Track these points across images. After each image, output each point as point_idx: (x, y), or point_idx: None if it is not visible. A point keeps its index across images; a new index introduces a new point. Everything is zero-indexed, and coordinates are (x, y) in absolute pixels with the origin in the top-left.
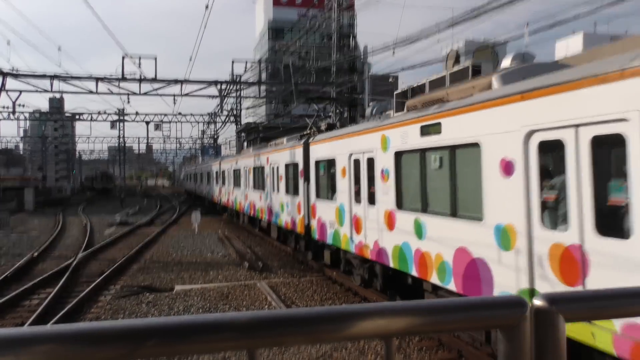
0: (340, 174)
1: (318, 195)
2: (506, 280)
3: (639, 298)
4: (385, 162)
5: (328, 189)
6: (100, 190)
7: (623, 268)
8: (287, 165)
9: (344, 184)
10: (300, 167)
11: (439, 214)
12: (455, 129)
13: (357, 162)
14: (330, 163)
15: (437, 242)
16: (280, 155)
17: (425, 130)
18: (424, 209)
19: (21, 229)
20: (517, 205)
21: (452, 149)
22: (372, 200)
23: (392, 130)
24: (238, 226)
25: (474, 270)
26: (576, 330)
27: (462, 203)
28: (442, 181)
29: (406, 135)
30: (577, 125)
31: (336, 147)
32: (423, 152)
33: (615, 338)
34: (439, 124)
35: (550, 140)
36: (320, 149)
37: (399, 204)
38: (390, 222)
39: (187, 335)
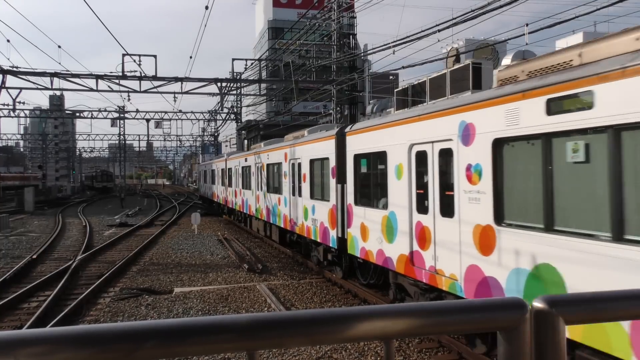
0: (393, 172)
1: (358, 201)
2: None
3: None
4: (473, 154)
5: (373, 192)
6: (101, 189)
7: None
8: (312, 162)
9: (399, 186)
10: (332, 164)
11: (579, 234)
12: (623, 101)
13: (421, 156)
14: (378, 158)
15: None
16: (303, 149)
17: (558, 105)
18: (549, 225)
19: (21, 230)
20: None
21: (616, 130)
22: (447, 209)
23: (486, 109)
24: (240, 228)
25: None
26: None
27: (632, 217)
28: (588, 182)
29: (516, 113)
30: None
31: (387, 137)
32: (550, 137)
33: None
34: (591, 92)
35: None
36: (362, 140)
37: (499, 217)
38: (485, 244)
39: (187, 337)
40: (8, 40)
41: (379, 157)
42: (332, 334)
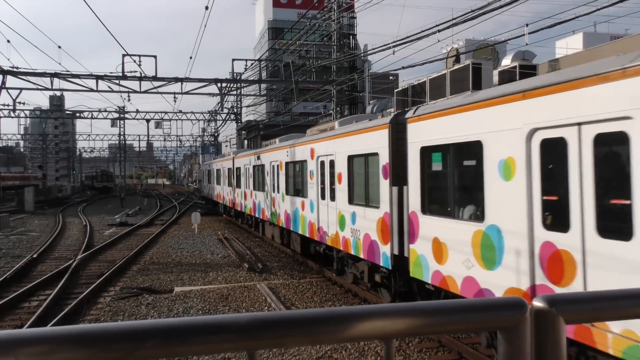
0: (495, 170)
1: (427, 208)
2: None
3: (639, 299)
4: None
5: (456, 198)
6: (101, 189)
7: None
8: (351, 159)
9: (506, 190)
10: (384, 160)
11: None
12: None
13: (553, 146)
14: (464, 151)
15: None
16: (339, 143)
17: None
18: None
19: (21, 230)
20: None
21: None
22: (614, 226)
23: None
24: (240, 227)
25: None
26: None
27: None
28: None
29: None
30: None
31: (484, 120)
32: None
33: None
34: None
35: None
36: (435, 128)
37: None
38: None
39: (187, 337)
40: (8, 41)
41: (467, 150)
42: (332, 333)
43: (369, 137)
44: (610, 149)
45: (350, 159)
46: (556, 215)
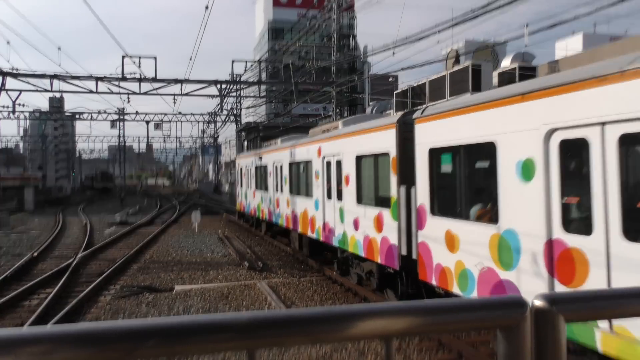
0: (513, 171)
1: (437, 210)
2: None
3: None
4: None
5: (468, 199)
6: (101, 189)
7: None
8: (360, 160)
9: (524, 193)
10: (393, 161)
11: None
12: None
13: (572, 147)
14: (476, 152)
15: None
16: (345, 143)
17: None
18: None
19: (21, 229)
20: None
21: None
22: None
23: None
24: (240, 226)
25: None
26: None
27: None
28: None
29: None
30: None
31: (498, 121)
32: None
33: None
34: None
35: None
36: (444, 129)
37: None
38: None
39: (187, 336)
40: (8, 42)
41: (479, 151)
42: (333, 333)
43: (376, 137)
44: (636, 150)
45: (359, 160)
46: (579, 216)
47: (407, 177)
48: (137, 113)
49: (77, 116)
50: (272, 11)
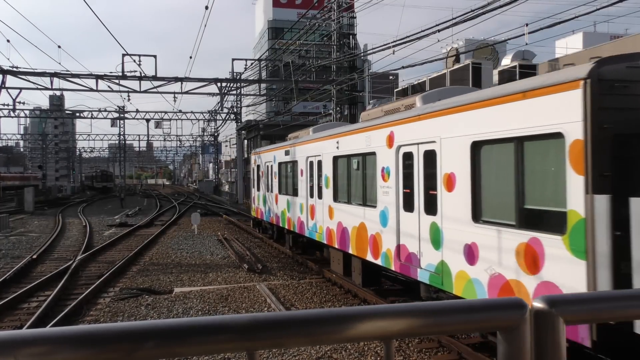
0: None
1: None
2: None
3: (639, 300)
4: None
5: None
6: (101, 189)
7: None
8: (477, 148)
9: None
10: (573, 146)
11: None
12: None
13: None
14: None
15: None
16: (455, 121)
17: None
18: None
19: (21, 230)
20: None
21: None
22: None
23: None
24: (240, 228)
25: None
26: None
27: None
28: None
29: None
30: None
31: None
32: None
33: None
34: None
35: None
36: None
37: None
38: None
39: (187, 337)
40: (8, 41)
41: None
42: (332, 334)
43: (536, 105)
44: None
45: (476, 146)
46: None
47: (610, 178)
48: (137, 111)
49: (77, 114)
50: (272, 11)
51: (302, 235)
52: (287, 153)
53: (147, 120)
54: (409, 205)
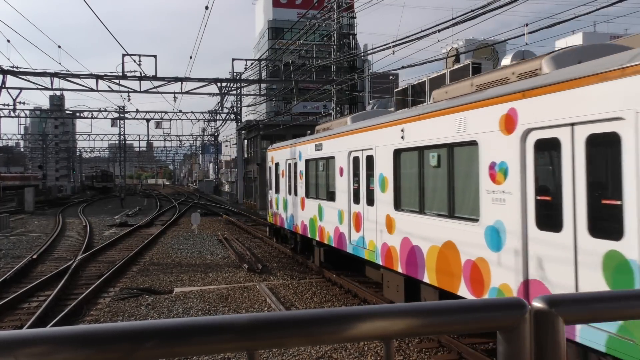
0: None
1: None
2: None
3: (639, 300)
4: None
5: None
6: (101, 189)
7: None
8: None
9: None
10: None
11: None
12: None
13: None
14: None
15: None
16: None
17: None
18: None
19: (21, 230)
20: None
21: None
22: None
23: None
24: (240, 228)
25: None
26: None
27: None
28: None
29: None
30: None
31: None
32: None
33: None
34: None
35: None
36: None
37: None
38: None
39: (187, 337)
40: (8, 40)
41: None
42: (332, 334)
43: None
44: None
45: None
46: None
47: None
48: (137, 111)
49: (77, 114)
50: (272, 11)
51: (340, 250)
52: (318, 148)
53: (147, 120)
54: (551, 221)
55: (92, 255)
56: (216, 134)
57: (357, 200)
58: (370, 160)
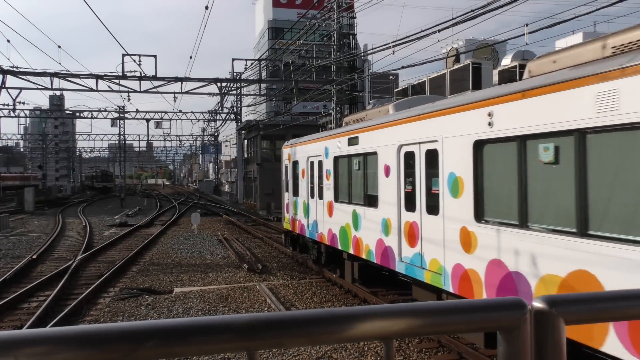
0: None
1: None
2: None
3: (639, 300)
4: None
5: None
6: (101, 189)
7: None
8: None
9: None
10: None
11: None
12: None
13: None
14: None
15: None
16: None
17: None
18: None
19: (21, 230)
20: None
21: None
22: None
23: None
24: (240, 228)
25: None
26: None
27: None
28: None
29: None
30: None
31: None
32: None
33: None
34: None
35: None
36: None
37: None
38: None
39: (187, 337)
40: (8, 41)
41: None
42: (332, 334)
43: None
44: None
45: None
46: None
47: None
48: (137, 111)
49: (77, 114)
50: (272, 11)
51: (384, 267)
52: (352, 142)
53: (147, 120)
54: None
55: (92, 255)
56: (216, 134)
57: (410, 207)
58: (432, 155)
